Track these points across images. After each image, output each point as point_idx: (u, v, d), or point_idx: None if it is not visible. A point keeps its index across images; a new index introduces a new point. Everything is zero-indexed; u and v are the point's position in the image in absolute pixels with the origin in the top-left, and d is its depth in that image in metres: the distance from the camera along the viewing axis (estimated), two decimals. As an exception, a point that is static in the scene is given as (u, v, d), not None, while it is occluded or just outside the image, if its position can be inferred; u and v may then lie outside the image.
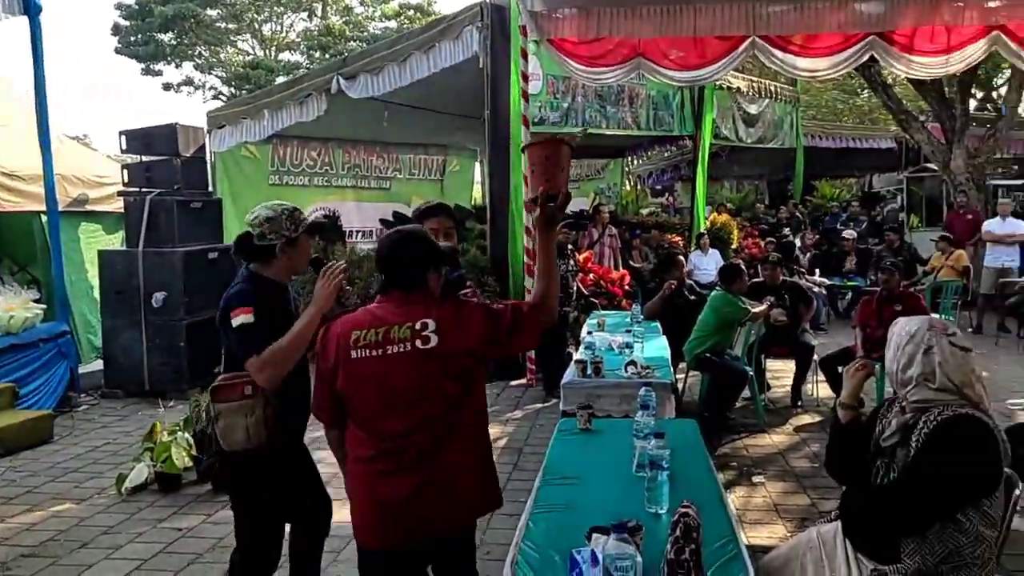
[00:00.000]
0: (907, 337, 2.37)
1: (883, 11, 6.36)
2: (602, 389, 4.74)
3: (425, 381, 2.31)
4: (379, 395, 2.33)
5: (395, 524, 2.32)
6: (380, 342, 2.32)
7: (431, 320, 2.32)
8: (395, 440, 2.32)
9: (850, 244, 11.70)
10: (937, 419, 2.26)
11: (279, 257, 2.82)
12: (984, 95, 19.96)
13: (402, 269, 2.41)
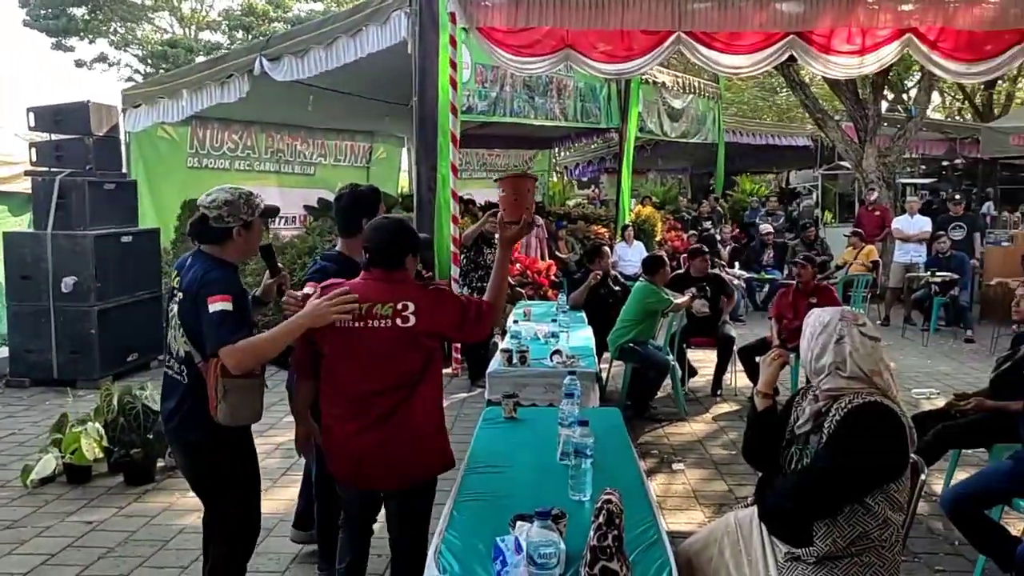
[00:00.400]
0: (820, 327, 2.45)
1: (802, 11, 6.54)
2: (527, 378, 4.76)
3: (397, 353, 2.68)
4: (356, 361, 2.69)
5: (363, 471, 2.75)
6: (363, 315, 2.68)
7: (411, 303, 2.69)
8: (365, 400, 2.69)
9: (768, 238, 12.07)
10: (847, 407, 2.34)
11: (235, 240, 2.83)
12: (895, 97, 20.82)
13: (384, 252, 2.78)
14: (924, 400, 6.54)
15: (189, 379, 2.77)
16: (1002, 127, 12.94)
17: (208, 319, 2.65)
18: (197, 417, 2.74)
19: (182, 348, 2.78)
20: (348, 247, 3.42)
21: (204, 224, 2.81)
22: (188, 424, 2.79)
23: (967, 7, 6.43)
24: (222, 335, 2.63)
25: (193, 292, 2.71)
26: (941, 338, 9.70)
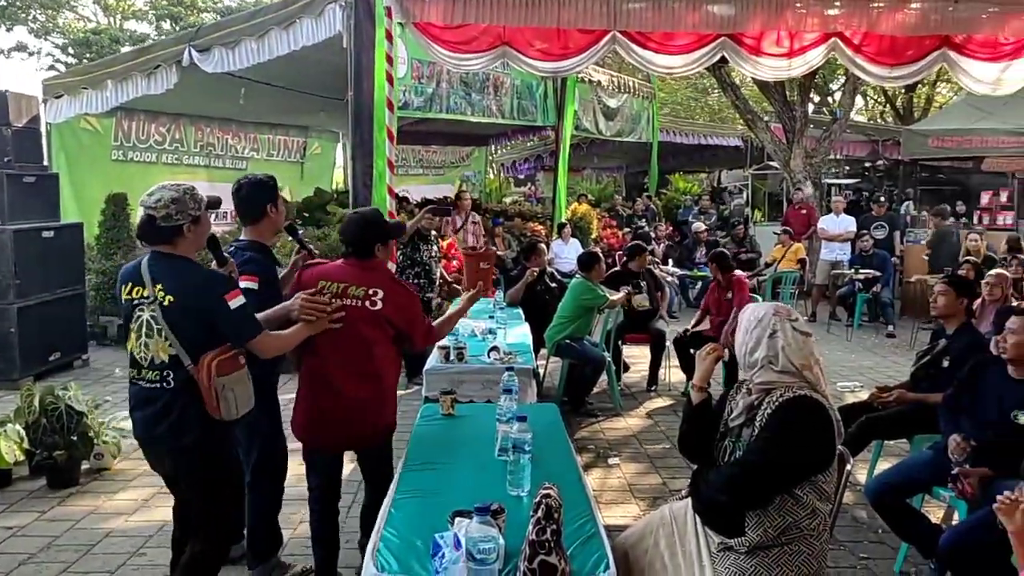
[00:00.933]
0: (755, 322, 2.51)
1: (733, 14, 6.67)
2: (465, 375, 4.75)
3: (360, 330, 3.14)
4: (327, 333, 3.11)
5: (325, 430, 3.22)
6: (339, 294, 3.15)
7: (381, 290, 3.18)
8: (332, 369, 3.17)
9: (701, 236, 12.31)
10: (778, 400, 2.40)
11: (186, 236, 2.84)
12: (821, 99, 21.45)
13: (355, 243, 3.28)
14: (848, 393, 6.77)
15: (176, 383, 2.77)
16: (922, 129, 13.43)
17: (232, 315, 2.77)
18: (190, 419, 2.77)
19: (161, 354, 2.76)
20: (255, 232, 3.49)
21: (152, 225, 2.79)
22: (181, 427, 2.78)
23: (890, 13, 6.65)
24: (254, 326, 2.85)
25: (194, 295, 2.75)
26: (864, 333, 10.05)
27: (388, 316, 3.17)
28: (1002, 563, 2.75)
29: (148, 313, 2.77)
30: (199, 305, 2.75)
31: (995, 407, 3.46)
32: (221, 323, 2.77)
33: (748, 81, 16.00)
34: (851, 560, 3.85)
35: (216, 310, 2.75)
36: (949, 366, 4.22)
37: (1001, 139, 12.12)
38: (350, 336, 3.13)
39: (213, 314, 2.75)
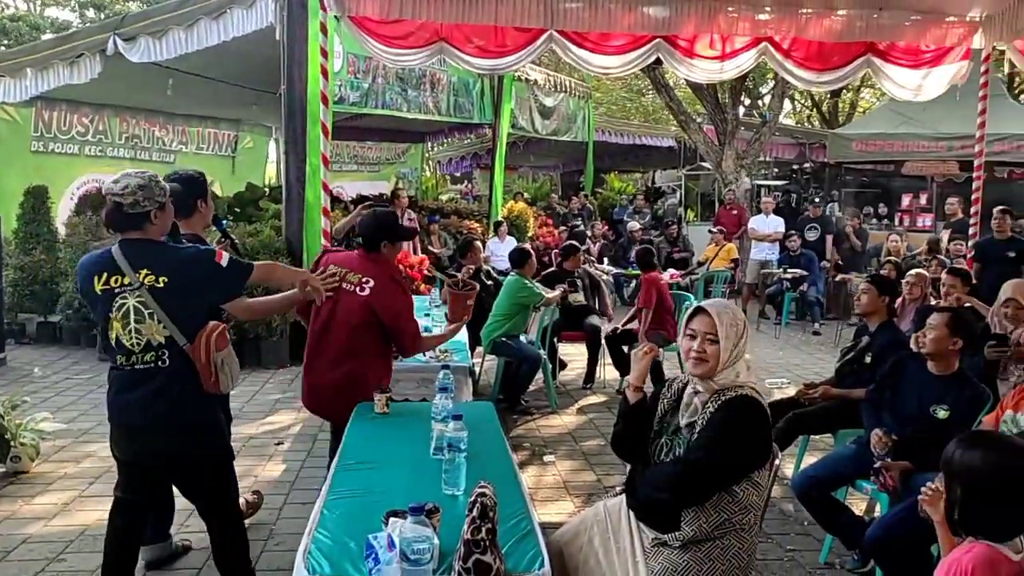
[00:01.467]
0: (742, 323, 2.53)
1: (668, 16, 6.78)
2: (400, 373, 4.68)
3: (349, 313, 3.61)
4: (329, 311, 3.64)
5: (319, 402, 3.80)
6: (341, 277, 3.64)
7: (373, 280, 3.63)
8: (323, 346, 3.68)
9: (636, 235, 12.47)
10: (721, 399, 2.44)
11: (153, 223, 2.88)
12: (751, 102, 21.95)
13: (366, 238, 3.77)
14: (776, 389, 6.91)
15: (171, 363, 2.83)
16: (846, 134, 13.87)
17: (226, 272, 2.89)
18: (189, 396, 2.87)
19: (157, 336, 2.82)
20: (190, 225, 3.53)
21: (120, 212, 2.82)
22: (181, 404, 2.86)
23: (818, 19, 6.85)
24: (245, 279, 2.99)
25: (188, 269, 2.85)
26: (792, 331, 10.33)
27: (372, 303, 3.60)
28: (924, 552, 2.86)
29: (134, 300, 2.80)
30: (195, 278, 2.84)
31: (915, 402, 3.58)
32: (217, 283, 2.90)
33: (682, 83, 16.27)
34: (779, 552, 3.94)
35: (212, 273, 2.87)
36: (871, 362, 4.36)
37: (921, 144, 12.61)
38: (339, 317, 3.63)
39: (209, 279, 2.86)
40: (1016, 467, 1.94)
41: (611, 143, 17.66)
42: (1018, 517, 1.93)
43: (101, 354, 7.79)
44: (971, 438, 2.06)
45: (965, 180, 11.71)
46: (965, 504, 1.98)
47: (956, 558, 1.94)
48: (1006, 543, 1.92)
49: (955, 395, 3.48)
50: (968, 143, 9.51)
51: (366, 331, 3.63)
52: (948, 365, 3.58)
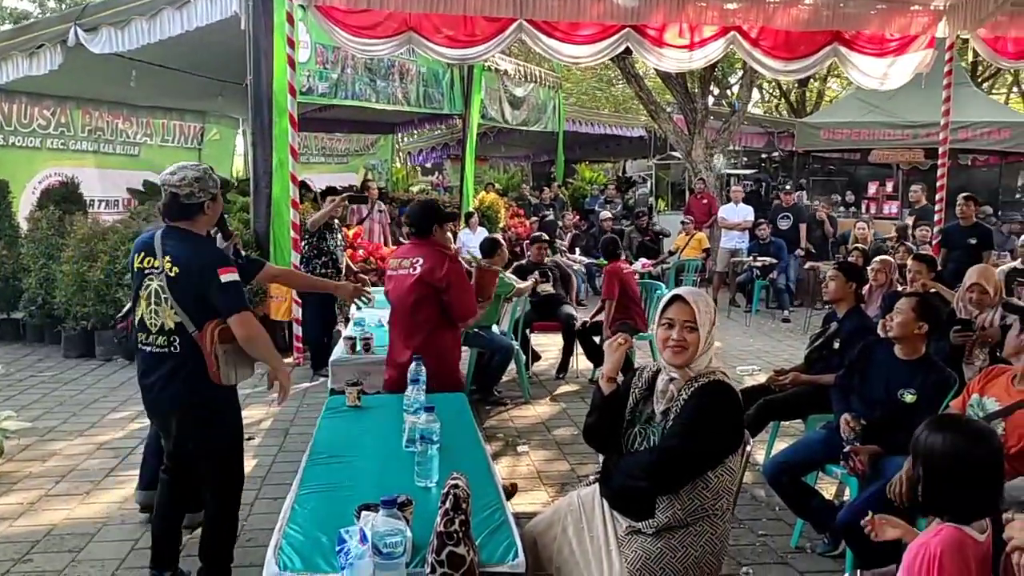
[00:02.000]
0: (715, 311, 2.54)
1: (637, 5, 6.79)
2: (372, 366, 4.68)
3: (403, 294, 4.05)
4: (394, 294, 4.13)
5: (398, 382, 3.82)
6: (398, 267, 4.13)
7: (422, 258, 4.01)
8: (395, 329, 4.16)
9: (607, 224, 12.50)
10: (694, 386, 2.45)
11: (206, 213, 3.08)
12: (720, 92, 22.08)
13: (416, 225, 4.16)
14: (747, 376, 6.99)
15: (182, 348, 3.00)
16: (814, 122, 14.00)
17: (221, 288, 2.95)
18: (199, 378, 3.00)
19: (169, 321, 3.00)
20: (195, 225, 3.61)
21: (176, 202, 3.02)
22: (190, 387, 3.01)
23: (785, 8, 6.89)
24: (238, 301, 2.99)
25: (195, 270, 2.95)
26: (762, 319, 10.42)
27: (424, 278, 3.96)
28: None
29: (156, 283, 3.01)
30: (197, 278, 2.95)
31: (882, 386, 3.62)
32: (211, 295, 2.96)
33: (651, 73, 16.31)
34: (751, 538, 3.97)
35: (209, 283, 2.94)
36: (840, 348, 4.40)
37: (887, 132, 12.76)
38: (397, 303, 4.11)
39: (207, 286, 2.95)
40: (977, 451, 1.97)
41: (581, 133, 17.68)
42: (980, 499, 1.96)
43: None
44: (937, 421, 2.09)
45: (930, 167, 11.87)
46: (928, 485, 2.02)
47: (924, 541, 1.97)
48: (972, 525, 1.95)
49: (922, 379, 3.53)
50: (933, 131, 9.64)
51: (423, 308, 3.99)
52: (915, 349, 3.63)
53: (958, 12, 6.94)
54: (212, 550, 3.19)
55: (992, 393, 3.09)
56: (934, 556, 1.89)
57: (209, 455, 3.14)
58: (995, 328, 4.31)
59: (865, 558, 3.10)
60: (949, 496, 1.98)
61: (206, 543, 3.20)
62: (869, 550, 3.07)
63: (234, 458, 3.22)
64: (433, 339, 4.01)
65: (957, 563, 1.88)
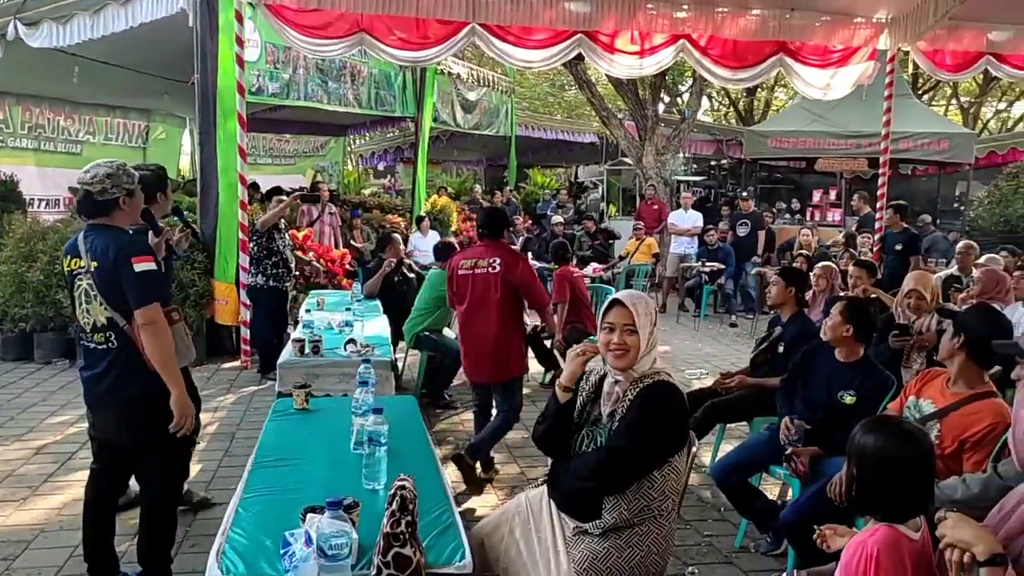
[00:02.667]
0: (654, 311, 2.56)
1: (589, 11, 6.85)
2: (321, 368, 4.64)
3: (489, 289, 4.50)
4: (469, 292, 4.57)
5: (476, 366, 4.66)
6: (472, 267, 4.57)
7: (499, 259, 4.53)
8: (475, 319, 4.56)
9: (559, 229, 12.55)
10: (640, 386, 2.47)
11: (122, 208, 3.05)
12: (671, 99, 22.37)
13: (488, 228, 4.66)
14: (695, 380, 7.09)
15: (117, 342, 2.99)
16: (761, 131, 14.28)
17: (134, 277, 2.89)
18: (134, 373, 2.98)
19: (101, 317, 2.98)
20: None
21: (90, 199, 3.00)
22: (126, 381, 3.00)
23: (733, 18, 7.02)
24: (147, 293, 2.93)
25: (110, 259, 2.90)
26: (710, 323, 10.57)
27: (504, 275, 4.49)
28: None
29: (85, 282, 3.00)
30: (113, 267, 2.91)
31: (824, 389, 3.71)
32: (124, 284, 2.91)
33: (603, 79, 16.46)
34: (696, 538, 4.03)
35: (122, 271, 2.90)
36: (783, 352, 4.49)
37: (831, 141, 13.08)
38: (482, 297, 4.52)
39: (122, 275, 2.91)
40: (908, 451, 2.03)
41: (534, 138, 17.74)
42: (912, 499, 2.02)
43: (4, 354, 7.43)
44: (871, 423, 2.14)
45: (872, 176, 12.19)
46: (862, 485, 2.07)
47: (861, 540, 2.02)
48: (907, 524, 2.01)
49: (860, 381, 3.62)
50: (875, 141, 9.92)
51: (505, 302, 4.50)
52: (851, 352, 3.72)
53: (899, 25, 7.15)
54: (151, 551, 3.14)
55: (928, 395, 3.18)
56: (871, 555, 1.94)
57: (146, 449, 3.09)
58: (932, 332, 4.45)
59: (806, 556, 3.17)
60: (882, 495, 2.03)
61: (144, 544, 3.15)
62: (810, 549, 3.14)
63: (172, 452, 3.14)
64: (514, 325, 4.62)
65: (893, 561, 1.93)
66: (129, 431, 3.08)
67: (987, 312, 3.32)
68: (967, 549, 1.77)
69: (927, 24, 6.72)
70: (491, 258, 4.52)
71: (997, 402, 3.00)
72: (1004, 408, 2.95)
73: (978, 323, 3.12)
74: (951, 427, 2.99)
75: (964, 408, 3.00)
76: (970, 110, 23.13)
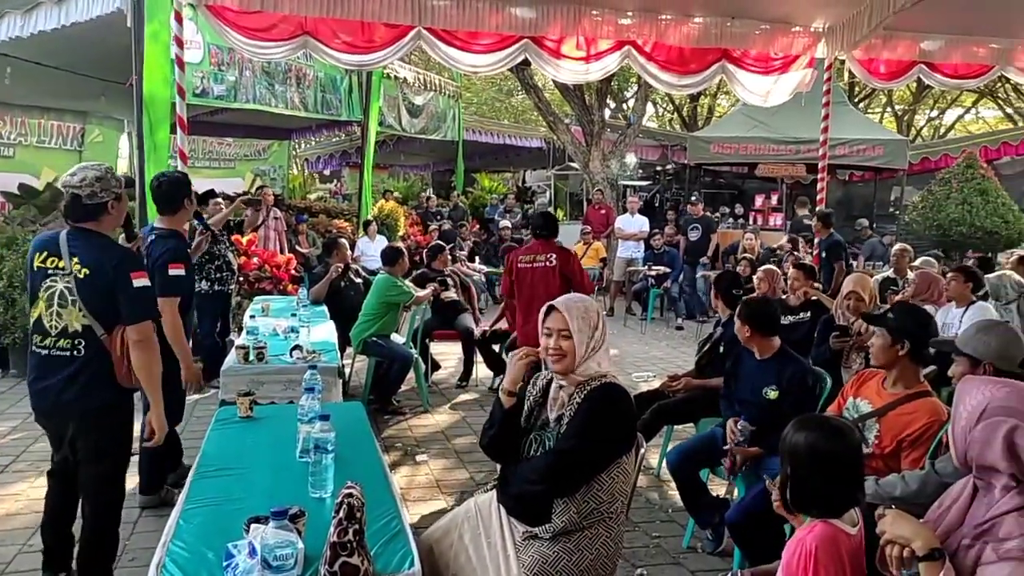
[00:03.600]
0: (595, 314, 2.55)
1: (535, 17, 6.87)
2: (265, 375, 4.55)
3: (551, 280, 5.45)
4: (529, 282, 5.57)
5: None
6: (531, 262, 5.59)
7: (554, 255, 5.57)
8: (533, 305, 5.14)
9: (506, 233, 12.59)
10: (587, 389, 2.48)
11: (110, 213, 3.05)
12: (617, 105, 22.62)
13: (543, 228, 5.71)
14: (643, 383, 7.15)
15: (87, 351, 2.96)
16: (704, 136, 14.51)
17: (133, 292, 2.94)
18: (100, 384, 2.97)
19: (75, 323, 2.95)
20: (171, 222, 4.11)
21: (78, 203, 2.97)
22: (91, 391, 2.96)
23: (676, 25, 7.12)
24: (144, 310, 2.99)
25: (109, 270, 2.92)
26: (657, 326, 10.70)
27: (560, 268, 5.52)
28: (779, 532, 3.02)
29: (63, 284, 2.96)
30: (109, 280, 2.92)
31: (749, 388, 3.84)
32: (121, 298, 2.93)
33: (550, 84, 16.55)
34: (644, 539, 4.06)
35: (120, 286, 2.93)
36: (723, 353, 4.58)
37: (772, 147, 13.35)
38: (543, 286, 5.43)
39: (118, 289, 2.93)
40: (836, 447, 2.07)
41: (481, 143, 17.74)
42: (842, 494, 2.06)
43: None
44: (800, 422, 2.17)
45: (811, 182, 12.48)
46: (795, 482, 2.11)
47: (800, 538, 2.05)
48: (842, 518, 2.05)
49: (779, 374, 3.75)
50: (813, 147, 10.15)
51: (560, 291, 4.92)
52: (765, 348, 3.84)
53: (835, 35, 7.33)
54: (90, 567, 3.10)
55: (864, 395, 3.25)
56: (810, 552, 1.98)
57: (98, 462, 3.06)
58: (869, 333, 4.56)
59: (750, 555, 3.23)
60: (816, 492, 2.07)
61: (84, 560, 3.10)
62: (754, 548, 3.20)
63: (122, 468, 3.16)
64: None
65: (832, 556, 1.97)
66: (91, 439, 3.04)
67: (915, 311, 3.40)
68: (906, 545, 1.82)
69: (862, 33, 6.90)
70: (547, 254, 5.58)
71: (932, 401, 3.07)
72: (939, 407, 3.03)
73: (915, 324, 3.19)
74: (889, 427, 3.05)
75: (901, 408, 3.07)
76: (904, 117, 23.87)
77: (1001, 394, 1.86)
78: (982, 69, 7.90)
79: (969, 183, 12.60)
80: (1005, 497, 1.82)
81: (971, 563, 1.82)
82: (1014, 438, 1.80)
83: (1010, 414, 1.82)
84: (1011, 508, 1.80)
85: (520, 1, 6.78)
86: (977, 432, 1.85)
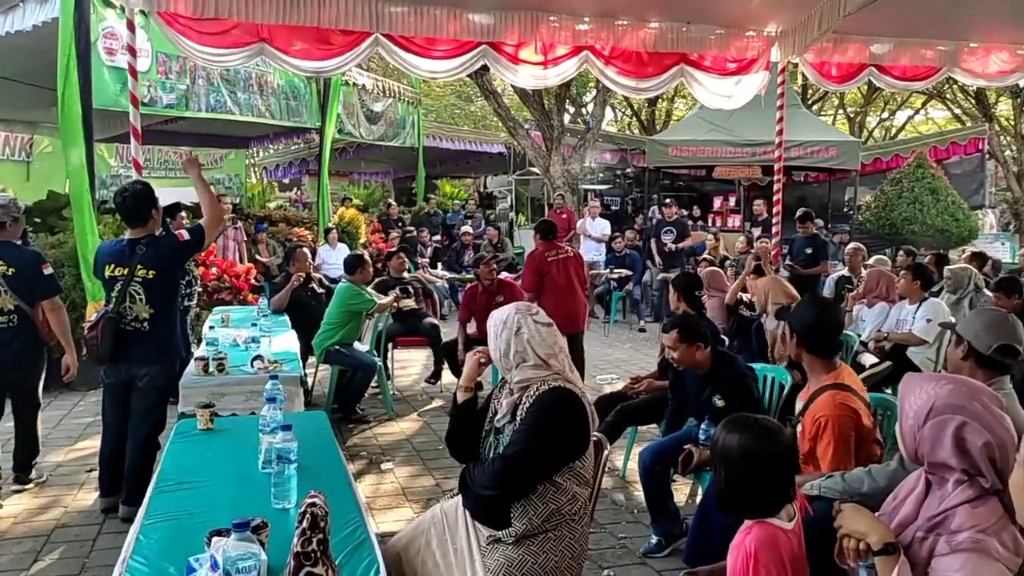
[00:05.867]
0: (501, 324, 2.58)
1: (492, 23, 6.88)
2: (226, 387, 4.48)
3: (567, 266, 6.71)
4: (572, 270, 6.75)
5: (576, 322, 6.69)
6: (556, 255, 6.73)
7: (567, 247, 7.06)
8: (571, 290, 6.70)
9: (468, 239, 12.57)
10: (535, 393, 2.49)
11: (8, 230, 4.47)
12: (576, 110, 22.74)
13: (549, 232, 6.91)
14: (606, 385, 7.20)
15: (18, 322, 4.45)
16: (663, 140, 14.65)
17: (46, 278, 4.51)
18: (31, 343, 4.52)
19: (9, 304, 4.42)
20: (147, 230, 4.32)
21: None
22: (25, 349, 4.51)
23: (633, 30, 7.18)
24: (53, 288, 4.55)
25: (28, 265, 4.45)
26: (619, 329, 10.76)
27: (575, 257, 6.89)
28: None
29: None
30: (30, 272, 4.44)
31: (696, 402, 3.93)
32: (38, 282, 4.45)
33: (509, 90, 16.59)
34: (611, 541, 4.08)
35: (34, 275, 4.45)
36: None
37: (728, 150, 13.54)
38: (577, 274, 6.78)
39: (36, 277, 4.45)
40: (769, 447, 2.08)
41: (442, 149, 17.70)
42: (773, 492, 2.07)
43: None
44: (729, 424, 2.17)
45: (768, 183, 12.67)
46: (728, 485, 2.10)
47: (739, 542, 2.07)
48: (777, 516, 2.07)
49: (718, 380, 3.81)
50: (768, 149, 10.32)
51: (579, 276, 6.79)
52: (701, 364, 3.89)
53: (788, 38, 7.45)
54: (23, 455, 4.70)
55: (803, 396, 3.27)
56: (750, 554, 2.00)
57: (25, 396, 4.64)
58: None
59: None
60: (752, 493, 2.07)
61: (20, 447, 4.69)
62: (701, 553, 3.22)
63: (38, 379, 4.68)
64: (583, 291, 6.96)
65: (771, 556, 1.99)
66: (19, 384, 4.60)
67: (810, 301, 3.40)
68: (862, 539, 1.85)
69: (812, 37, 7.03)
70: (561, 249, 6.82)
71: (829, 394, 2.96)
72: (835, 398, 2.92)
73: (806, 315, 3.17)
74: (804, 426, 3.01)
75: (812, 406, 3.02)
76: (856, 119, 24.33)
77: (944, 392, 1.89)
78: (930, 71, 8.09)
79: (920, 182, 12.91)
80: (957, 490, 1.86)
81: (925, 555, 1.85)
82: (962, 434, 1.84)
83: (956, 411, 1.85)
84: (962, 500, 1.84)
85: (478, 7, 6.79)
86: (926, 431, 1.89)
